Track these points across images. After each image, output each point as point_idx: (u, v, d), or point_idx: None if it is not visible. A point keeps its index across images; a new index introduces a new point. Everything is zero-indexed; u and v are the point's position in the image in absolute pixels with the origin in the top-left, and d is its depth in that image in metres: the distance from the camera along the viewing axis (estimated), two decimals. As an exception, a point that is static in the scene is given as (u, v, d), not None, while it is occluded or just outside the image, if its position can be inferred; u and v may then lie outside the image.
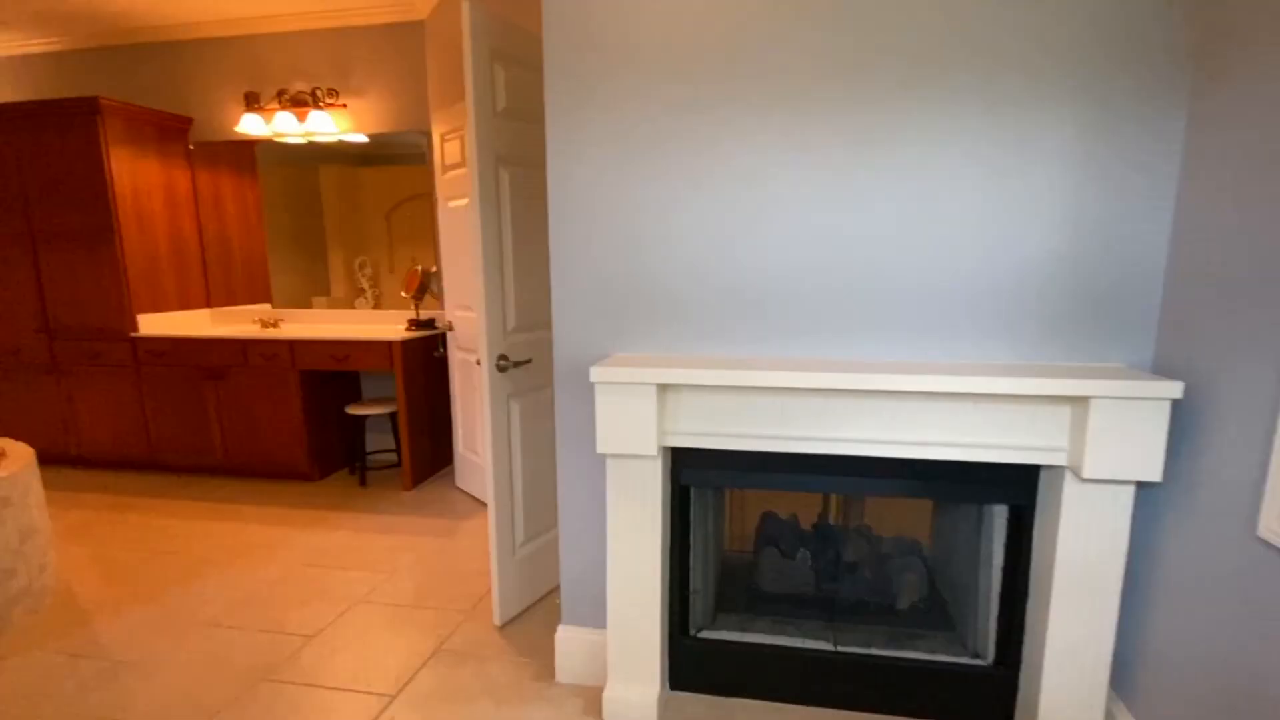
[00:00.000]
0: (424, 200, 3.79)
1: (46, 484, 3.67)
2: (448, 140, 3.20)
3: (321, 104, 3.63)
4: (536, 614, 2.28)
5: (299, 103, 3.68)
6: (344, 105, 3.70)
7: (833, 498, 2.31)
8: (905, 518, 2.36)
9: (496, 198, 1.92)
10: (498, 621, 2.18)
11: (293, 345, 3.46)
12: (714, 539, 2.07)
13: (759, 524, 2.34)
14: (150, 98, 3.95)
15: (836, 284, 1.55)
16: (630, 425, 1.46)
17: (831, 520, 2.37)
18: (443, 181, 3.37)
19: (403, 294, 3.74)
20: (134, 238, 3.61)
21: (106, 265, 3.58)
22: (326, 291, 4.00)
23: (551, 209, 1.65)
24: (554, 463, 2.39)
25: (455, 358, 3.47)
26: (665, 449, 1.56)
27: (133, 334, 3.62)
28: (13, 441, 2.45)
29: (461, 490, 3.54)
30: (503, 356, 2.03)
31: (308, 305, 4.04)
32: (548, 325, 2.28)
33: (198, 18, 3.67)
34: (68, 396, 3.79)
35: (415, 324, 3.64)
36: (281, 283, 4.04)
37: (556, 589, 2.44)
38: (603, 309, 1.66)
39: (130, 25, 3.74)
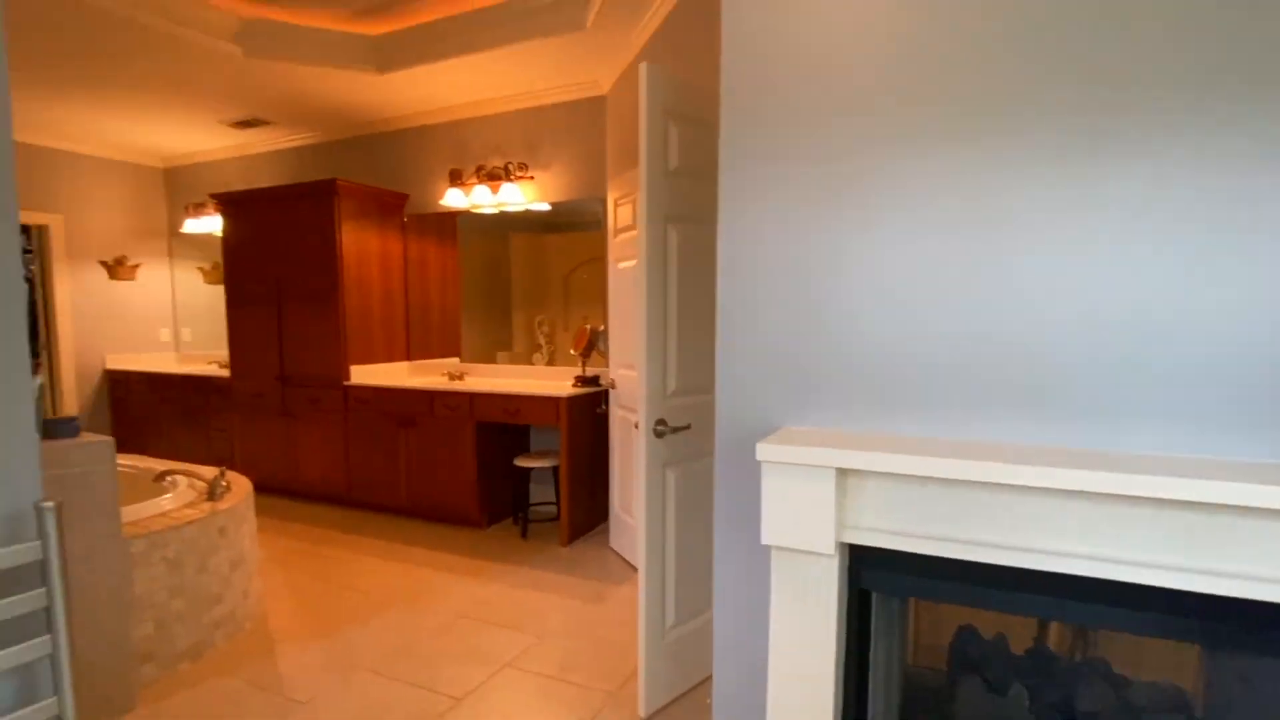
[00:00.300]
0: (598, 263, 3.92)
1: (269, 511, 4.21)
2: (620, 205, 3.28)
3: (513, 176, 3.94)
4: (686, 708, 2.05)
5: (494, 176, 4.03)
6: (531, 177, 3.99)
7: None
8: (1157, 653, 1.81)
9: (664, 255, 1.85)
10: (643, 713, 1.99)
11: (472, 398, 3.67)
12: (897, 652, 1.72)
13: (954, 640, 1.92)
14: (376, 178, 4.59)
15: (1083, 351, 1.23)
16: (803, 515, 1.24)
17: (1054, 648, 1.88)
18: (614, 244, 3.44)
19: (572, 351, 3.84)
20: (353, 298, 4.13)
21: (330, 322, 4.12)
22: (509, 346, 4.26)
23: (721, 264, 1.53)
24: (712, 540, 2.19)
25: (616, 415, 3.45)
26: (843, 545, 1.31)
27: (345, 383, 4.10)
28: (237, 475, 2.80)
29: (615, 551, 3.45)
30: (661, 421, 1.92)
31: (492, 359, 4.32)
32: (710, 389, 2.14)
33: (418, 108, 4.23)
34: (293, 436, 4.36)
35: (581, 381, 3.70)
36: (470, 338, 4.38)
37: (709, 679, 2.19)
38: (773, 374, 1.48)
39: (366, 119, 4.42)
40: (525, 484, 3.77)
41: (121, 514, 2.13)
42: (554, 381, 3.96)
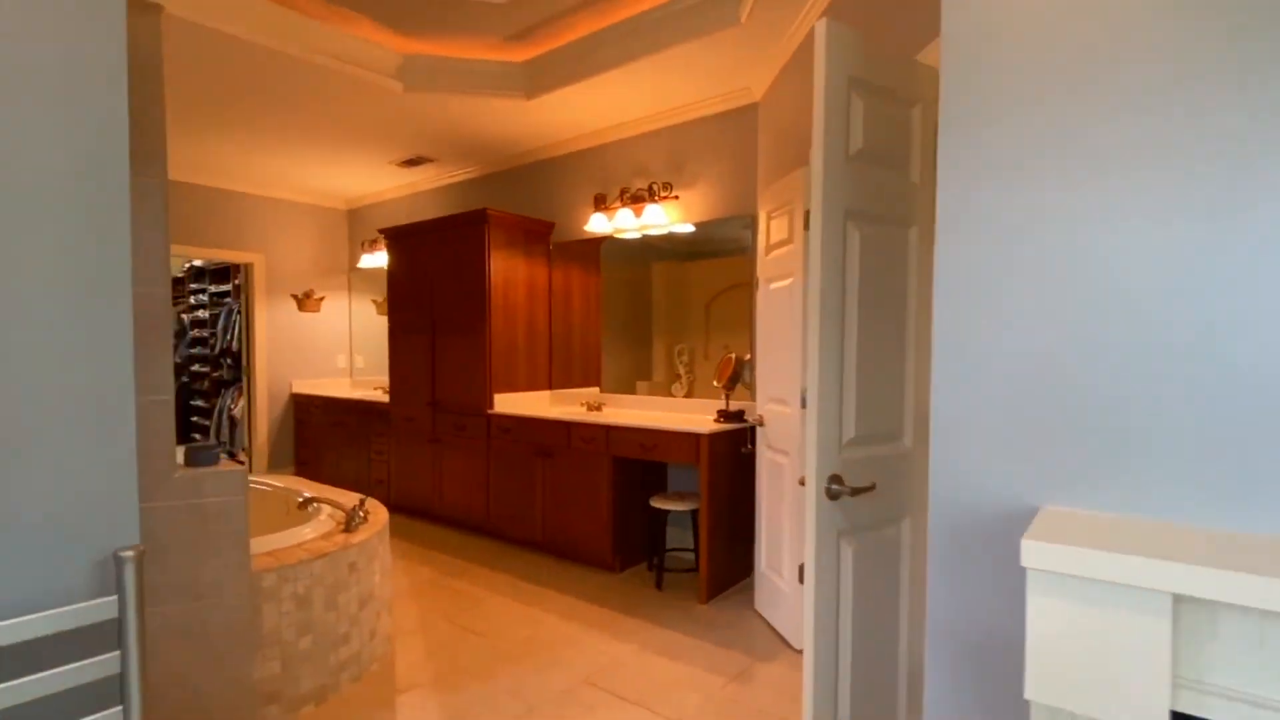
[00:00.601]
0: (739, 290, 3.57)
1: (413, 535, 4.26)
2: (774, 217, 2.89)
3: (657, 197, 3.72)
4: None
5: (637, 199, 3.84)
6: (675, 197, 3.74)
7: None
8: None
9: (842, 260, 1.44)
10: None
11: (608, 431, 3.43)
12: None
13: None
14: (526, 208, 4.61)
15: None
16: (1109, 662, 0.76)
17: None
18: (765, 263, 3.05)
19: (714, 383, 3.48)
20: (500, 326, 4.11)
21: (477, 349, 4.13)
22: (649, 376, 4.01)
23: (938, 273, 1.10)
24: (902, 635, 1.69)
25: (764, 457, 3.01)
26: (1177, 715, 0.80)
27: (488, 411, 4.06)
28: (377, 505, 2.75)
29: (761, 616, 2.98)
30: (835, 478, 1.49)
31: (631, 389, 4.09)
32: (898, 435, 1.67)
33: (564, 135, 4.17)
34: (440, 461, 4.41)
35: (724, 416, 3.32)
36: (610, 367, 4.19)
37: (894, 823, 1.67)
38: (1021, 429, 1.01)
39: (516, 150, 4.46)
40: (661, 527, 3.43)
41: (257, 544, 2.10)
42: (695, 415, 3.61)
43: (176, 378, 8.57)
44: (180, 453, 1.86)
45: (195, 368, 8.19)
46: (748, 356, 3.46)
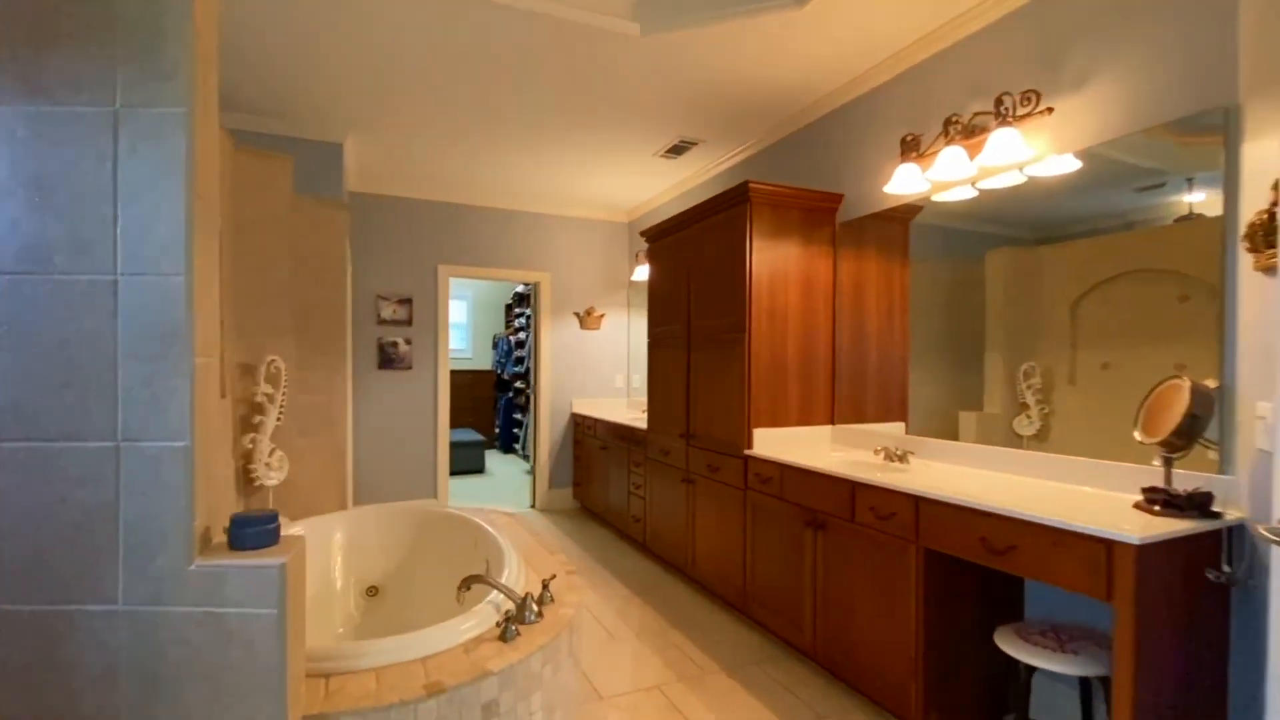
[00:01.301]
0: (1138, 277, 1.90)
1: (660, 600, 3.43)
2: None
3: (1010, 117, 2.26)
4: None
5: (971, 131, 2.43)
6: (1048, 110, 2.22)
7: None
8: None
9: None
10: None
11: (917, 504, 2.09)
12: None
13: None
14: (806, 179, 3.50)
15: None
16: None
17: None
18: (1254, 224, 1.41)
19: (1138, 436, 1.85)
20: (763, 338, 3.06)
21: (734, 369, 3.15)
22: (976, 405, 2.52)
23: None
24: None
25: (1278, 589, 1.34)
26: None
27: (746, 451, 3.04)
28: (572, 587, 1.96)
29: None
30: None
31: (951, 425, 2.63)
32: None
33: (853, 67, 2.95)
34: (692, 506, 3.53)
35: (1164, 500, 1.69)
36: (919, 396, 2.80)
37: None
38: None
39: (791, 109, 3.36)
40: (1014, 678, 1.92)
41: (358, 651, 1.44)
42: (1078, 485, 2.02)
43: (503, 392, 9.66)
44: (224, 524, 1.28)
45: (518, 384, 9.02)
46: (1214, 385, 1.77)
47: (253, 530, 1.23)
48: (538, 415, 5.68)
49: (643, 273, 5.21)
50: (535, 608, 1.80)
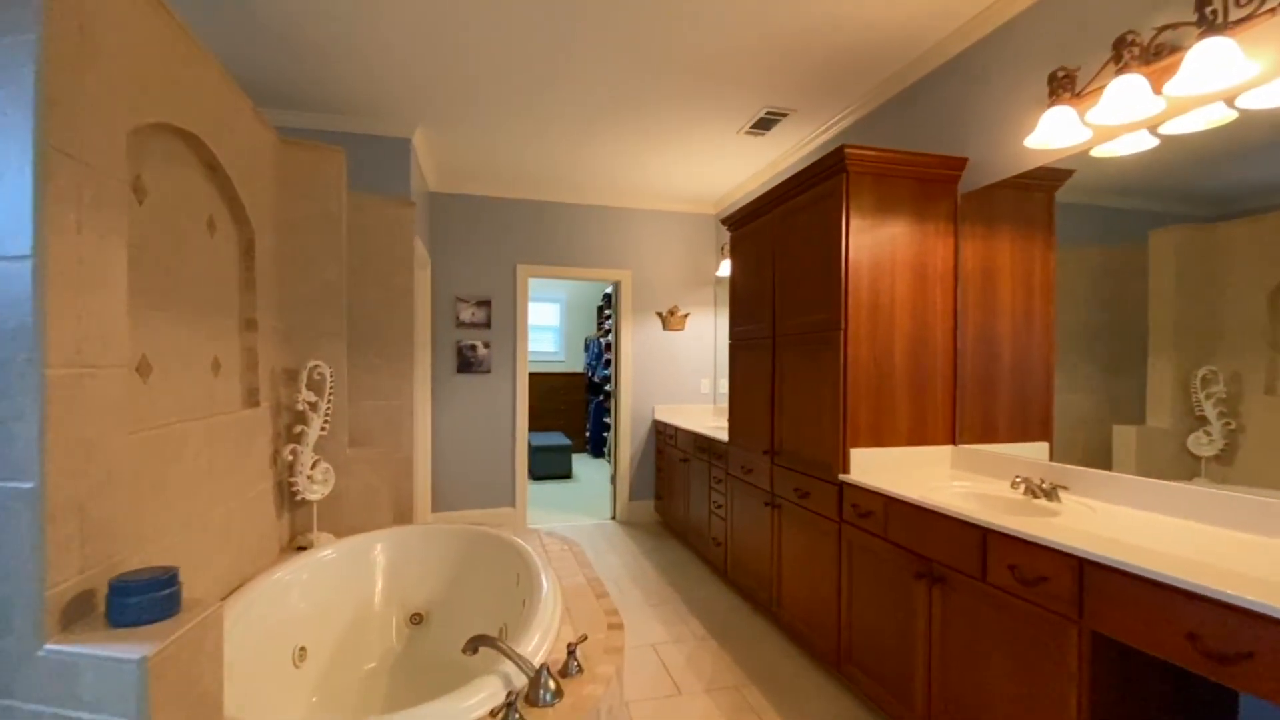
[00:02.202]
0: None
1: (738, 645, 2.95)
2: None
3: (1221, 25, 1.59)
4: None
5: (1155, 53, 1.78)
6: (1271, 11, 1.54)
7: None
8: None
9: None
10: None
11: (1081, 568, 1.50)
12: None
13: None
14: (920, 145, 2.89)
15: None
16: None
17: None
18: None
19: None
20: (862, 336, 2.52)
21: (826, 375, 2.62)
22: (1136, 418, 1.87)
23: None
24: None
25: None
26: None
27: (840, 475, 2.50)
28: (611, 651, 1.56)
29: None
30: None
31: (1102, 438, 1.99)
32: None
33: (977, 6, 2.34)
34: (778, 536, 3.02)
35: None
36: (1064, 406, 2.16)
37: None
38: None
39: (898, 63, 2.76)
40: None
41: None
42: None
43: (594, 395, 9.45)
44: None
45: (607, 388, 8.78)
46: None
47: (136, 600, 0.92)
48: (618, 422, 5.35)
49: (726, 269, 4.73)
50: (553, 685, 1.42)
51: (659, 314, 5.37)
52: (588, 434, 9.17)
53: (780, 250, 3.02)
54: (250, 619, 1.95)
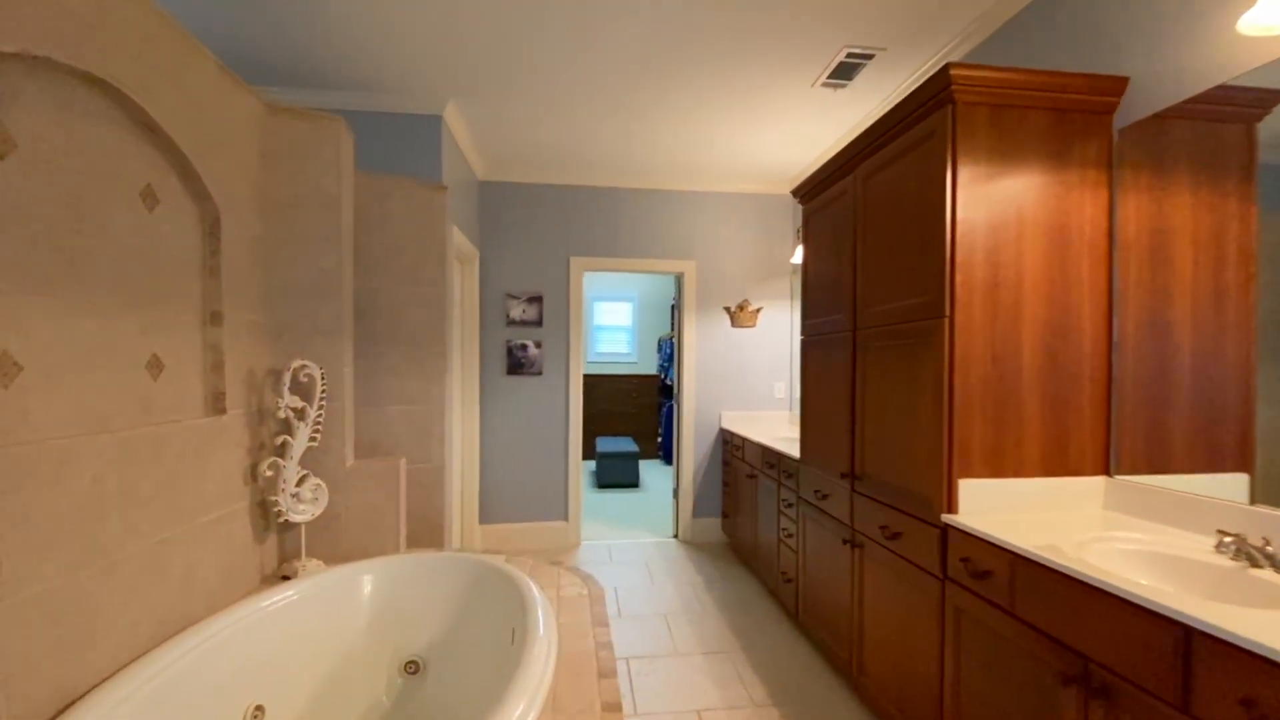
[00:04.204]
0: None
1: (810, 711, 2.34)
2: None
3: None
4: None
5: None
6: None
7: None
8: None
9: None
10: None
11: None
12: None
13: None
14: (1063, 64, 2.16)
15: None
16: None
17: None
18: None
19: None
20: (975, 327, 1.85)
21: (923, 378, 1.97)
22: None
23: None
24: None
25: None
26: None
27: (944, 515, 1.85)
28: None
29: None
30: None
31: None
32: None
33: None
34: (859, 583, 2.38)
35: None
36: (1272, 423, 1.42)
37: None
38: None
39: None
40: None
41: None
42: None
43: (667, 398, 8.90)
44: None
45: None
46: None
47: None
48: (680, 429, 4.80)
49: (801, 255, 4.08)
50: None
51: (727, 309, 4.78)
52: (659, 439, 8.68)
53: (863, 219, 2.38)
54: (180, 674, 1.59)
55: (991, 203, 1.85)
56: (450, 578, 2.27)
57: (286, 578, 2.22)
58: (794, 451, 3.15)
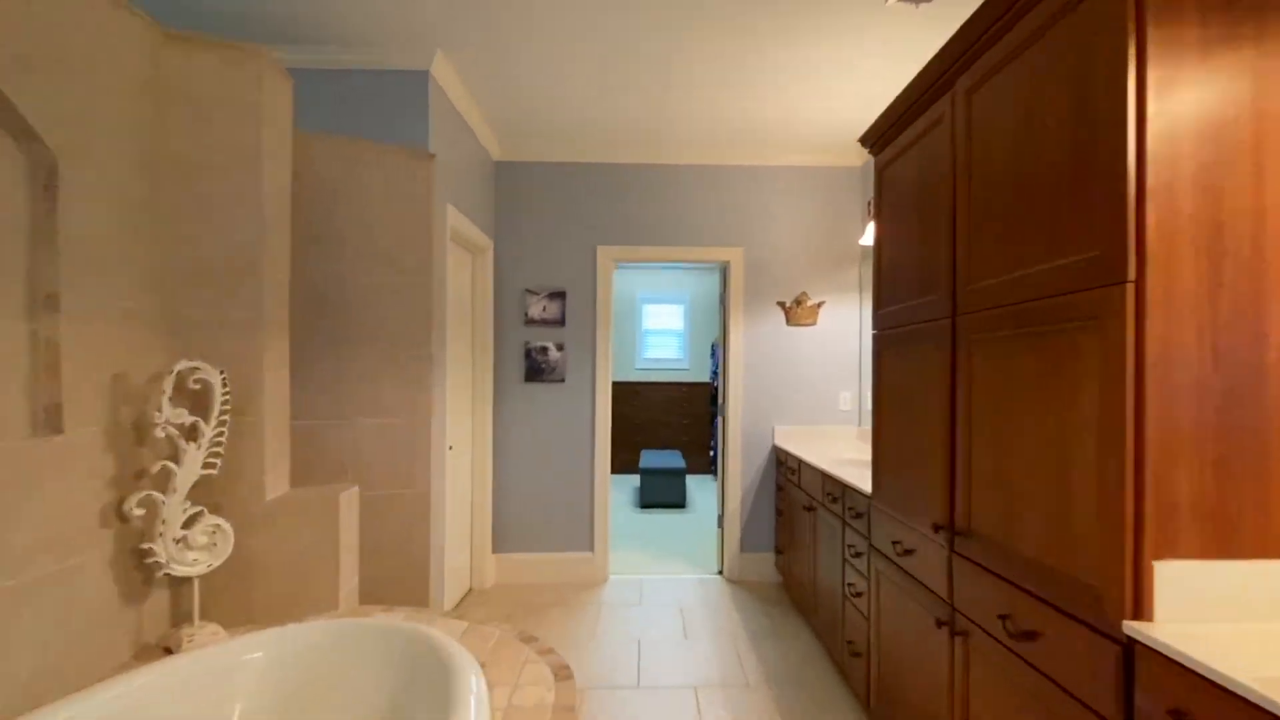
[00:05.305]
0: None
1: None
2: None
3: None
4: None
5: None
6: None
7: None
8: None
9: None
10: None
11: None
12: None
13: None
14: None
15: None
16: None
17: None
18: None
19: None
20: (1178, 299, 1.08)
21: (1082, 385, 1.20)
22: None
23: None
24: None
25: None
26: None
27: (1125, 623, 1.08)
28: None
29: None
30: None
31: None
32: None
33: None
34: (962, 682, 1.61)
35: None
36: None
37: None
38: None
39: None
40: None
41: None
42: None
43: (714, 402, 8.11)
44: None
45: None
46: None
47: None
48: (726, 446, 4.08)
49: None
50: None
51: (781, 304, 4.04)
52: (711, 453, 7.93)
53: (967, 153, 1.63)
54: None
55: (1201, 111, 1.08)
56: (372, 657, 1.65)
57: (170, 650, 1.67)
58: (864, 483, 2.39)
